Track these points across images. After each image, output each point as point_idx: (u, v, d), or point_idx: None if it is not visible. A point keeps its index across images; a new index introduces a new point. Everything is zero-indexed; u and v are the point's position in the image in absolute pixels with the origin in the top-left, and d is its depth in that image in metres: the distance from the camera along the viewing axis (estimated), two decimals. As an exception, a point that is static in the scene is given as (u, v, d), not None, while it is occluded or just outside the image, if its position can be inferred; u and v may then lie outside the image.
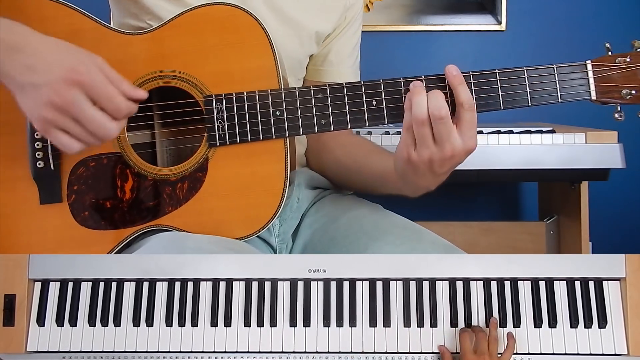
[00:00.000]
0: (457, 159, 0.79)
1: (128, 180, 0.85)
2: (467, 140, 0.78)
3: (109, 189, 0.85)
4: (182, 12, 0.84)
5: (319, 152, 1.06)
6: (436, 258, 0.88)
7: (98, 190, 0.84)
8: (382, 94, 0.81)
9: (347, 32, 1.04)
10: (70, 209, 0.84)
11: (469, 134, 0.78)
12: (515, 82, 0.82)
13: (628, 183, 1.88)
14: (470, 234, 1.66)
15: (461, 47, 1.90)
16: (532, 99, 0.82)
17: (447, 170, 0.81)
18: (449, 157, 0.78)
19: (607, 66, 0.82)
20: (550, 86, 0.82)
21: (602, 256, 0.87)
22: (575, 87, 0.83)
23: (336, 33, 1.03)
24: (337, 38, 1.04)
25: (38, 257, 0.89)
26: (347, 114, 0.82)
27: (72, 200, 0.84)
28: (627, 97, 0.82)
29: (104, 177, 0.84)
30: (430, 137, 0.77)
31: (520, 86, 0.82)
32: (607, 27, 1.87)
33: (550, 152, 1.32)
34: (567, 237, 1.62)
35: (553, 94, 0.82)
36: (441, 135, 0.77)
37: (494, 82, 0.82)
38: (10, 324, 0.87)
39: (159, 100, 0.87)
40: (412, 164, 0.80)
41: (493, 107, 0.82)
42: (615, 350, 0.85)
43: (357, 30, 1.06)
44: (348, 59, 1.06)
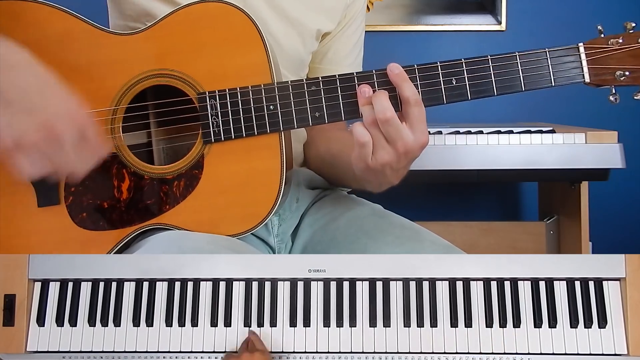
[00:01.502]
0: (411, 154, 0.79)
1: (125, 180, 0.85)
2: (419, 135, 0.78)
3: (106, 190, 0.85)
4: (175, 10, 0.84)
5: (309, 146, 1.06)
6: (436, 258, 0.88)
7: (95, 191, 0.84)
8: (375, 84, 0.81)
9: (346, 31, 1.04)
10: (68, 210, 0.84)
11: (420, 129, 0.78)
12: (508, 67, 0.82)
13: (628, 183, 1.88)
14: (470, 234, 1.66)
15: (461, 47, 1.90)
16: (525, 84, 0.82)
17: (405, 165, 0.82)
18: (402, 154, 0.78)
19: (599, 48, 0.82)
20: (543, 70, 0.82)
21: (602, 256, 0.87)
22: (569, 71, 0.82)
23: (336, 31, 1.03)
24: (336, 36, 1.04)
25: (38, 257, 0.89)
26: (340, 105, 0.82)
27: (69, 202, 0.84)
28: (621, 78, 0.82)
29: (100, 177, 0.84)
30: (383, 139, 0.78)
31: (513, 71, 0.82)
32: (606, 26, 1.87)
33: (550, 152, 1.32)
34: (567, 237, 1.62)
35: (546, 78, 0.82)
36: (391, 136, 0.77)
37: (486, 69, 0.82)
38: (10, 324, 0.87)
39: (154, 99, 0.87)
40: (370, 169, 0.81)
41: (487, 93, 0.82)
42: (615, 350, 0.85)
43: (357, 29, 1.06)
44: (347, 58, 1.06)
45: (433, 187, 1.89)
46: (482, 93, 0.82)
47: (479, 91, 0.82)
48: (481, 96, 0.82)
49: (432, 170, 1.30)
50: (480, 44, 1.89)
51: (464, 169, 1.31)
